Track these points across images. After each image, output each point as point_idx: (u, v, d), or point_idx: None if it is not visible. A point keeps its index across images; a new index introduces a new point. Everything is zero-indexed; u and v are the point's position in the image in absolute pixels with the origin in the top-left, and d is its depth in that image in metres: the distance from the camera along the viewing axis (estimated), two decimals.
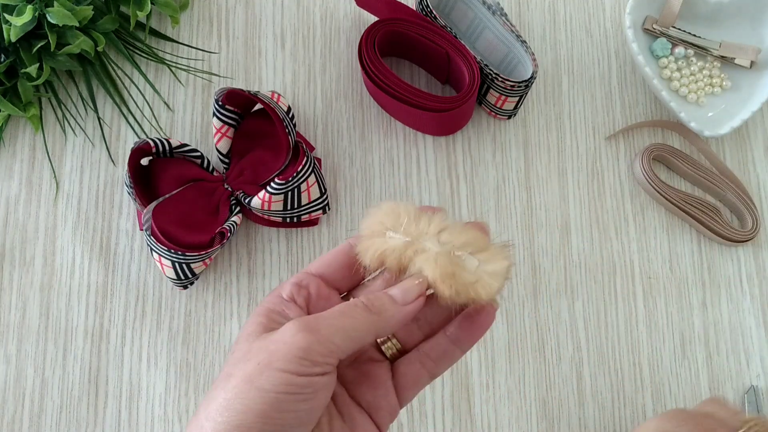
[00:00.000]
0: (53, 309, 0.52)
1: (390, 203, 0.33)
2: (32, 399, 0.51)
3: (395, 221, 0.32)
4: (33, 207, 0.54)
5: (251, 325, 0.31)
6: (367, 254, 0.32)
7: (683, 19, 0.59)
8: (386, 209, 0.33)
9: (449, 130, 0.57)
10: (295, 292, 0.32)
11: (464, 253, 0.31)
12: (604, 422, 0.53)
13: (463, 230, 0.32)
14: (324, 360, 0.28)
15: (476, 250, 0.32)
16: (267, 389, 0.27)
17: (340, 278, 0.34)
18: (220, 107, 0.52)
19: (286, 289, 0.33)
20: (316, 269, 0.34)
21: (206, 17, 0.59)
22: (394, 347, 0.34)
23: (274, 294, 0.33)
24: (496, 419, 0.52)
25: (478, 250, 0.32)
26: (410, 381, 0.33)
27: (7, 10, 0.52)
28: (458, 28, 0.58)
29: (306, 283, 0.33)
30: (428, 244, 0.32)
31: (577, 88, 0.59)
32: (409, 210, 0.33)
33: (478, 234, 0.32)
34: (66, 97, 0.57)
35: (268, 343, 0.29)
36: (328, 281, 0.34)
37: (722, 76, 0.59)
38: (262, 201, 0.50)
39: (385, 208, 0.33)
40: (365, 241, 0.33)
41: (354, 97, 0.58)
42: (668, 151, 0.57)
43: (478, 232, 0.32)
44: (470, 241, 0.32)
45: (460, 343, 0.34)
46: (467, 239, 0.32)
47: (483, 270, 0.31)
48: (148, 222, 0.49)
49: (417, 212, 0.33)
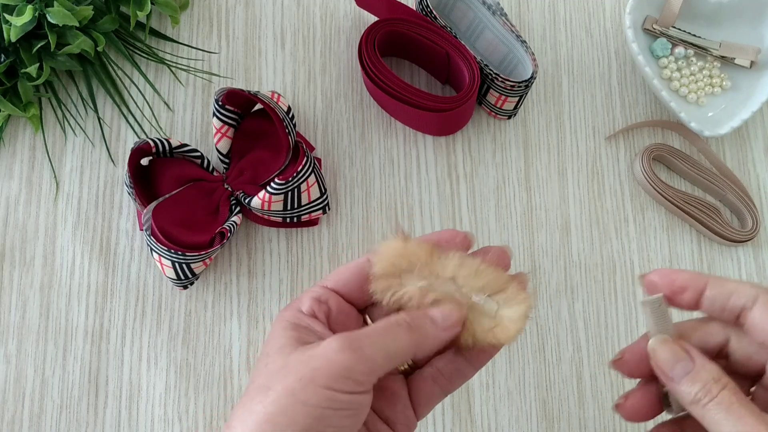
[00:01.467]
0: (53, 309, 0.52)
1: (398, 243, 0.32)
2: (32, 399, 0.51)
3: (408, 263, 0.32)
4: (33, 207, 0.54)
5: (281, 338, 0.30)
6: (384, 296, 0.32)
7: (683, 19, 0.59)
8: (395, 251, 0.32)
9: (449, 130, 0.57)
10: (315, 308, 0.32)
11: (482, 297, 0.31)
12: (604, 422, 0.53)
13: (480, 270, 0.31)
14: (366, 379, 0.28)
15: (495, 291, 0.31)
16: (312, 404, 0.27)
17: (357, 296, 0.34)
18: (220, 107, 0.52)
19: (306, 304, 0.32)
20: (333, 284, 0.33)
21: (206, 17, 0.59)
22: (405, 363, 0.34)
23: (292, 308, 0.33)
24: (496, 419, 0.52)
25: (496, 291, 0.31)
26: (424, 398, 0.33)
27: (7, 10, 0.52)
28: (458, 28, 0.58)
29: (325, 298, 0.33)
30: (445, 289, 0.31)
31: (577, 88, 0.59)
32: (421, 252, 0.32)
33: (496, 273, 0.31)
34: (66, 97, 0.57)
35: (309, 359, 0.28)
36: (346, 297, 0.33)
37: (722, 76, 0.59)
38: (262, 201, 0.50)
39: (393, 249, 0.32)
40: (380, 282, 0.32)
41: (354, 97, 0.58)
42: (668, 151, 0.57)
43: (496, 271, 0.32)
44: (488, 283, 0.31)
45: (474, 362, 0.34)
46: (485, 281, 0.31)
47: (502, 315, 0.31)
48: (148, 222, 0.49)
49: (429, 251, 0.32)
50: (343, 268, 0.34)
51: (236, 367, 0.52)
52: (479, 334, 0.31)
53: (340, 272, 0.34)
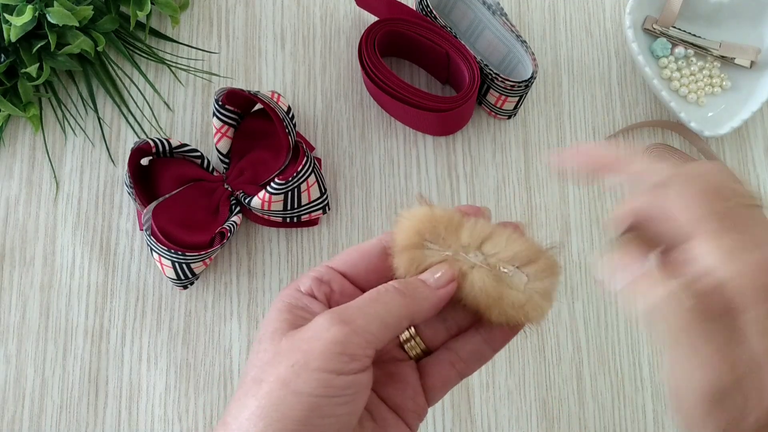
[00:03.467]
0: (53, 309, 0.52)
1: (425, 209, 0.30)
2: (32, 399, 0.51)
3: (433, 230, 0.29)
4: (33, 207, 0.54)
5: (274, 321, 0.29)
6: (407, 270, 0.30)
7: (683, 19, 0.59)
8: (422, 216, 0.30)
9: (449, 130, 0.57)
10: (315, 287, 0.30)
11: (512, 269, 0.29)
12: (604, 422, 0.53)
13: (509, 239, 0.29)
14: (363, 352, 0.27)
15: (524, 262, 0.29)
16: (306, 393, 0.25)
17: (364, 279, 0.31)
18: (220, 107, 0.52)
19: (305, 283, 0.31)
20: (340, 266, 0.31)
21: (206, 17, 0.59)
22: (417, 347, 0.32)
23: (291, 287, 0.31)
24: (496, 419, 0.52)
25: (525, 263, 0.29)
26: (439, 382, 0.32)
27: (7, 10, 0.52)
28: (458, 28, 0.58)
29: (327, 278, 0.31)
30: (472, 259, 0.29)
31: (577, 88, 0.59)
32: (447, 216, 0.30)
33: (526, 242, 0.29)
34: (66, 97, 0.57)
35: (300, 342, 0.27)
36: (352, 280, 0.31)
37: (722, 76, 0.59)
38: (262, 201, 0.50)
39: (421, 214, 0.30)
40: (404, 255, 0.30)
41: (354, 97, 0.58)
42: (668, 151, 0.57)
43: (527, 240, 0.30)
44: (518, 253, 0.29)
45: (493, 343, 0.32)
46: (515, 251, 0.29)
47: (532, 289, 0.29)
48: (148, 222, 0.49)
49: (456, 217, 0.30)
50: (352, 249, 0.32)
51: (236, 367, 0.52)
52: (509, 311, 0.29)
53: (348, 252, 0.32)
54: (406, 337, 0.32)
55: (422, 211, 0.30)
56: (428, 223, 0.29)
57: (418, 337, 0.32)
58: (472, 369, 0.32)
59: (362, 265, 0.31)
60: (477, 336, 0.32)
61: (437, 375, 0.32)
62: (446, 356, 0.32)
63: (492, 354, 0.32)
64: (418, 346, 0.32)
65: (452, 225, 0.30)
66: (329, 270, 0.31)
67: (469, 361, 0.32)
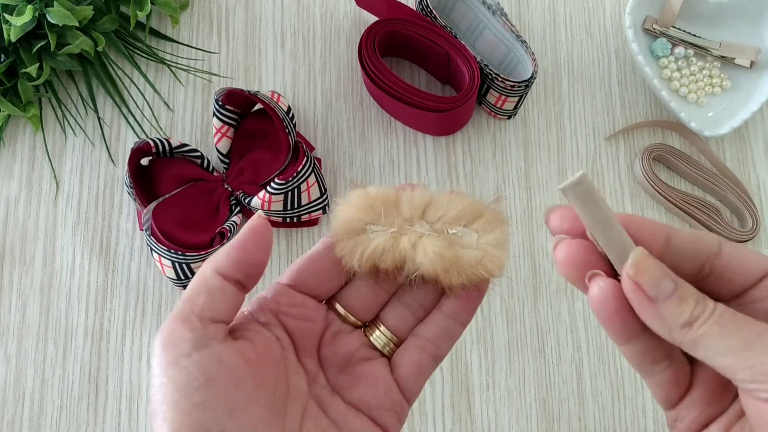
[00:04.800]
0: (53, 309, 0.52)
1: (359, 192, 0.29)
2: (32, 399, 0.51)
3: (370, 211, 0.28)
4: (33, 207, 0.54)
5: None
6: (353, 257, 0.28)
7: (683, 19, 0.59)
8: (357, 201, 0.29)
9: (449, 130, 0.57)
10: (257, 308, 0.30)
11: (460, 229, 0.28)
12: (604, 422, 0.53)
13: (450, 201, 0.28)
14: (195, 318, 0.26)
15: (470, 219, 0.28)
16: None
17: (317, 284, 0.30)
18: (220, 107, 0.52)
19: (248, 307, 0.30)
20: (286, 278, 0.30)
21: (206, 17, 0.59)
22: (384, 337, 0.31)
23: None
24: (496, 419, 0.52)
25: (471, 220, 0.28)
26: (411, 370, 0.30)
27: (7, 10, 0.52)
28: (458, 28, 0.58)
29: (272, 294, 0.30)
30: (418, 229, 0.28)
31: (577, 88, 0.59)
32: (382, 194, 0.29)
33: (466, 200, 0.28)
34: (66, 97, 0.57)
35: None
36: (303, 290, 0.30)
37: (722, 76, 0.59)
38: (262, 201, 0.50)
39: (356, 199, 0.29)
40: (345, 242, 0.29)
41: (354, 97, 0.58)
42: (668, 151, 0.57)
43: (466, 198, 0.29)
44: (462, 212, 0.28)
45: (459, 317, 0.31)
46: (458, 211, 0.28)
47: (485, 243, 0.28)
48: (148, 222, 0.49)
49: (392, 193, 0.29)
50: (299, 258, 0.31)
51: None
52: (468, 269, 0.28)
53: (295, 263, 0.31)
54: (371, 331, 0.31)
55: (356, 195, 0.29)
56: (365, 204, 0.28)
57: (382, 325, 0.31)
58: (445, 349, 0.31)
59: (309, 270, 0.30)
60: (440, 313, 0.31)
61: (408, 363, 0.30)
62: (414, 342, 0.31)
63: (461, 328, 0.31)
64: (385, 336, 0.31)
65: (390, 201, 0.29)
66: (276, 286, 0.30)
67: (438, 341, 0.31)
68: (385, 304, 0.32)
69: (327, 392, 0.30)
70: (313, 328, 0.30)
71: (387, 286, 0.31)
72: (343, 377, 0.30)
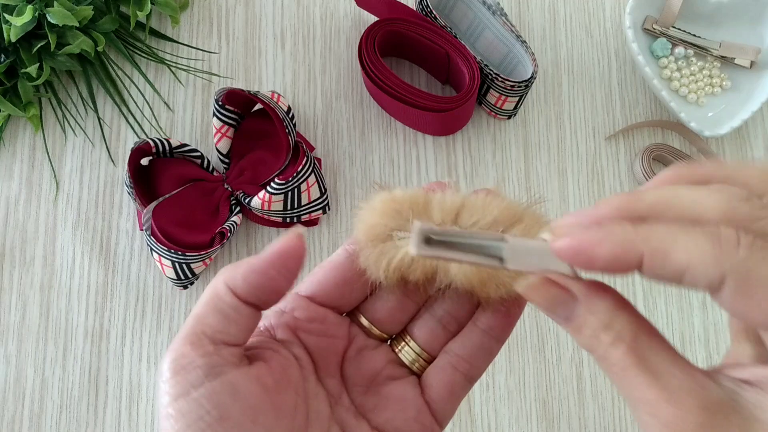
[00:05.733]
0: (53, 309, 0.52)
1: (383, 195, 0.26)
2: (32, 399, 0.51)
3: (397, 216, 0.25)
4: (33, 207, 0.54)
5: None
6: (379, 268, 0.26)
7: (683, 19, 0.59)
8: (382, 205, 0.25)
9: (449, 130, 0.57)
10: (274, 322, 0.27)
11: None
12: (604, 422, 0.53)
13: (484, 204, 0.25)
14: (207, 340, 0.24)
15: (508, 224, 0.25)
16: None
17: (339, 296, 0.28)
18: (220, 107, 0.52)
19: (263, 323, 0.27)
20: (305, 289, 0.28)
21: (206, 17, 0.59)
22: (413, 352, 0.28)
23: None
24: (496, 419, 0.52)
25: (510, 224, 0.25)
26: (444, 392, 0.27)
27: (7, 10, 0.52)
28: (458, 28, 0.58)
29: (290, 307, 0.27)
30: None
31: (577, 88, 0.59)
32: (410, 197, 0.25)
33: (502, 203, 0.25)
34: (66, 97, 0.57)
35: None
36: (323, 302, 0.28)
37: (722, 76, 0.59)
38: (262, 201, 0.50)
39: (380, 204, 0.25)
40: (370, 251, 0.26)
41: (354, 97, 0.58)
42: (668, 151, 0.57)
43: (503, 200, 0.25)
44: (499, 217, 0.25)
45: (496, 333, 0.28)
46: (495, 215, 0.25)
47: None
48: (148, 222, 0.49)
49: (421, 196, 0.26)
50: (318, 267, 0.28)
51: None
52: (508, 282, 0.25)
53: (314, 272, 0.28)
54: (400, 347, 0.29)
55: (380, 198, 0.26)
56: (390, 209, 0.25)
57: (412, 341, 0.28)
58: (480, 368, 0.28)
59: (330, 281, 0.28)
60: (475, 328, 0.28)
61: (440, 383, 0.27)
62: (446, 360, 0.28)
63: (498, 345, 0.28)
64: (414, 352, 0.28)
65: (418, 205, 0.25)
66: (294, 297, 0.28)
67: (473, 360, 0.28)
68: (414, 316, 0.29)
69: (351, 415, 0.27)
70: (335, 345, 0.28)
71: (415, 296, 0.29)
72: (369, 398, 0.28)
